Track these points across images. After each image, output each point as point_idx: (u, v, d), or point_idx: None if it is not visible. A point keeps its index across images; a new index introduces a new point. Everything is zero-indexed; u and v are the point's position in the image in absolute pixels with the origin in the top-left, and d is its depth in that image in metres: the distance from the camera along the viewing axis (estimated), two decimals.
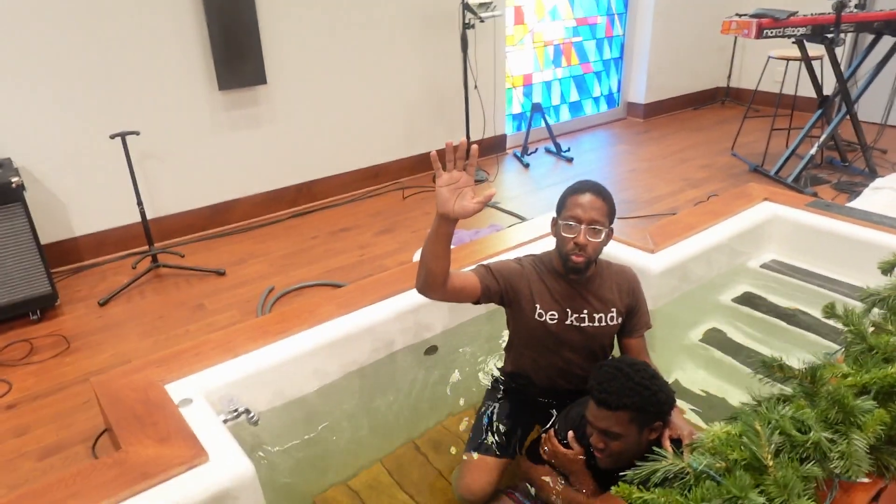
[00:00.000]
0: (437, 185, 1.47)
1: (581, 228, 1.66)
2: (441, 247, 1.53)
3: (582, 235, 1.66)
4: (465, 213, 1.47)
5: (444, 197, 1.46)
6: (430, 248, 1.54)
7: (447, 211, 1.47)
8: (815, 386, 1.02)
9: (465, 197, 1.47)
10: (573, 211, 1.67)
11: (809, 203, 2.87)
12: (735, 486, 0.79)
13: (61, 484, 1.48)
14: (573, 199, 1.69)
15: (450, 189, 1.46)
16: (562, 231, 1.69)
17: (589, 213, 1.66)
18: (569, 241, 1.67)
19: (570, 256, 1.68)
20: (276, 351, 2.02)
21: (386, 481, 2.01)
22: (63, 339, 2.77)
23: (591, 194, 1.69)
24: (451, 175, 1.47)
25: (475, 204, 1.47)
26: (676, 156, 4.88)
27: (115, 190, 3.36)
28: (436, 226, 1.51)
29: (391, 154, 4.45)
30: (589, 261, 1.70)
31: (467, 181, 1.48)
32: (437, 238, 1.52)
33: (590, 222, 1.66)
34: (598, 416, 1.45)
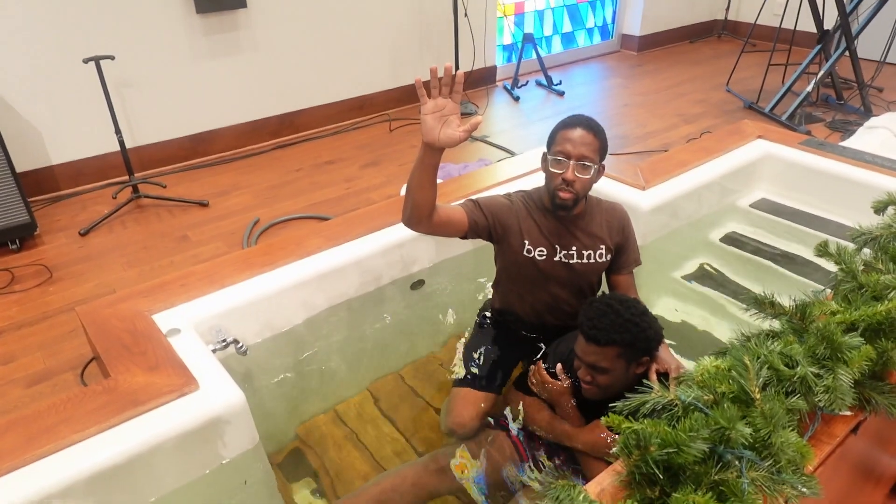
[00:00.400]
0: (422, 113, 1.42)
1: (570, 164, 1.62)
2: (427, 177, 1.50)
3: (570, 171, 1.62)
4: (451, 141, 1.43)
5: (429, 125, 1.42)
6: (416, 179, 1.50)
7: (432, 139, 1.43)
8: (804, 322, 1.03)
9: (450, 125, 1.43)
10: (563, 146, 1.63)
11: (802, 142, 2.84)
12: (723, 418, 0.80)
13: (52, 410, 1.48)
14: (564, 133, 1.65)
15: (434, 117, 1.41)
16: (550, 166, 1.66)
17: (579, 148, 1.62)
18: (557, 177, 1.64)
19: (557, 192, 1.66)
20: (263, 283, 2.01)
21: (372, 411, 2.04)
22: (45, 268, 2.73)
23: (583, 129, 1.64)
24: (436, 102, 1.41)
25: (461, 132, 1.42)
26: (671, 90, 4.80)
27: (92, 118, 3.25)
28: (421, 155, 1.47)
29: (377, 85, 4.32)
30: (577, 198, 1.67)
31: (453, 109, 1.43)
32: (423, 168, 1.48)
33: (579, 158, 1.62)
34: (586, 350, 1.47)
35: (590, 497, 0.73)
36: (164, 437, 1.46)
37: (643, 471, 0.79)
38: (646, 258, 2.38)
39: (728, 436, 0.79)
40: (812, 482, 0.82)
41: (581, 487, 0.75)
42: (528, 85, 4.93)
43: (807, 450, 0.84)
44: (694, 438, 0.77)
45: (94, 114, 3.21)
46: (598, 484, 0.87)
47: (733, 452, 0.79)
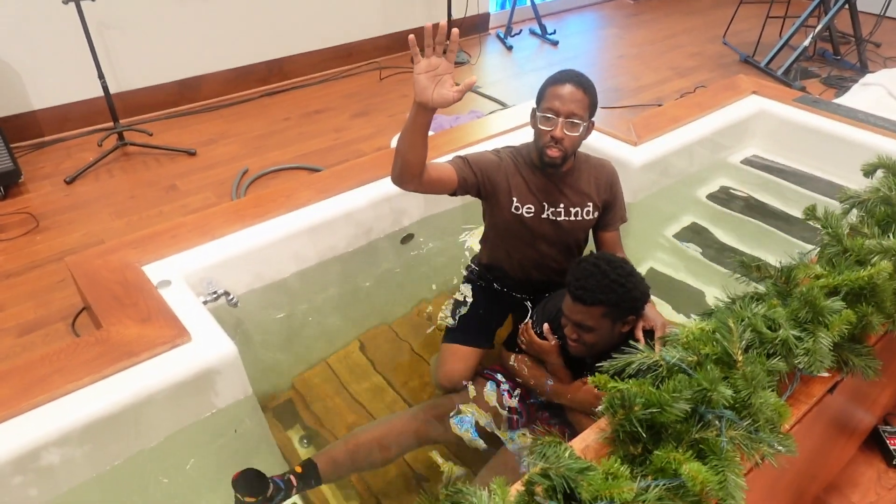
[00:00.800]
0: (415, 72, 1.39)
1: (559, 121, 1.60)
2: (418, 137, 1.48)
3: (559, 129, 1.61)
4: (445, 101, 1.40)
5: (422, 84, 1.39)
6: (408, 138, 1.48)
7: (425, 99, 1.40)
8: (788, 286, 1.05)
9: (444, 85, 1.40)
10: (551, 102, 1.61)
11: (797, 98, 2.82)
12: (705, 379, 0.83)
13: (45, 360, 1.49)
14: (552, 89, 1.62)
15: (428, 76, 1.38)
16: (539, 123, 1.64)
17: (568, 105, 1.60)
18: (545, 135, 1.63)
19: (545, 150, 1.64)
20: (254, 234, 2.00)
21: (363, 363, 2.08)
22: (31, 216, 2.71)
23: (572, 85, 1.62)
24: (429, 61, 1.38)
25: (455, 92, 1.40)
26: (666, 42, 4.72)
27: (74, 61, 3.15)
28: (413, 115, 1.44)
29: (366, 31, 4.21)
30: (565, 155, 1.66)
31: (447, 68, 1.40)
32: (415, 128, 1.46)
33: (568, 115, 1.60)
34: (573, 310, 1.49)
35: (575, 453, 0.75)
36: (158, 387, 1.48)
37: (627, 429, 0.82)
38: (636, 215, 2.40)
39: (710, 397, 0.82)
40: (788, 440, 0.86)
41: (567, 444, 0.78)
42: (522, 34, 4.83)
43: (784, 409, 0.88)
44: (677, 399, 0.80)
45: (76, 57, 3.12)
46: (582, 440, 0.90)
47: (714, 412, 0.82)
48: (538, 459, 0.75)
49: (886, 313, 1.08)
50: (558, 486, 0.71)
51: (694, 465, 0.74)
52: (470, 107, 3.67)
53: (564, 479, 0.70)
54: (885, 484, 1.70)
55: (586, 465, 0.72)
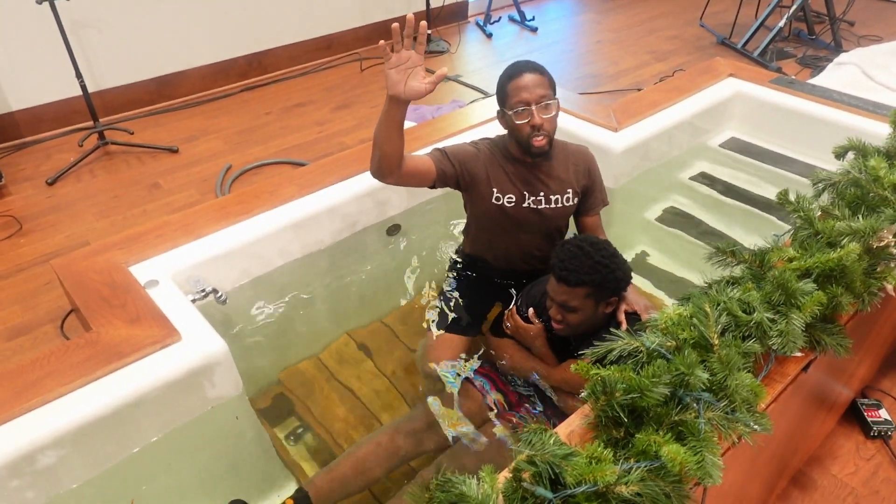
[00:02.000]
0: (386, 68, 1.41)
1: (532, 110, 1.62)
2: (393, 130, 1.49)
3: (536, 116, 1.62)
4: (417, 94, 1.42)
5: (393, 79, 1.41)
6: (383, 133, 1.49)
7: (397, 93, 1.42)
8: (762, 269, 1.09)
9: (416, 77, 1.42)
10: (518, 96, 1.63)
11: (773, 80, 2.86)
12: (683, 364, 0.86)
13: (35, 364, 1.50)
14: (513, 84, 1.64)
15: (399, 70, 1.40)
16: (515, 119, 1.65)
17: (535, 91, 1.62)
18: (525, 127, 1.64)
19: (531, 142, 1.66)
20: (239, 232, 2.01)
21: (353, 354, 2.10)
22: (14, 219, 2.69)
23: (529, 73, 1.64)
24: (399, 55, 1.40)
25: (427, 84, 1.42)
26: (644, 26, 4.75)
27: (51, 61, 3.11)
28: (386, 108, 1.46)
29: (345, 22, 4.19)
30: (550, 138, 1.68)
31: (417, 60, 1.42)
32: (389, 121, 1.47)
33: (538, 100, 1.62)
34: (557, 290, 1.52)
35: (560, 440, 0.79)
36: (149, 388, 1.49)
37: (609, 414, 0.85)
38: (617, 200, 2.43)
39: (687, 381, 0.85)
40: (764, 419, 0.90)
41: (552, 431, 0.81)
42: (501, 21, 4.83)
43: (760, 389, 0.92)
44: (656, 384, 0.83)
45: (52, 57, 3.08)
46: (567, 426, 0.94)
47: (692, 395, 0.85)
48: (524, 447, 0.78)
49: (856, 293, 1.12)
50: (544, 472, 0.74)
51: (673, 446, 0.77)
52: (451, 96, 3.67)
53: (549, 465, 0.74)
54: (863, 455, 1.76)
55: (570, 451, 0.75)
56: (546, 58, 4.18)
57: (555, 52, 4.33)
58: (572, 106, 2.61)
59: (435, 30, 4.46)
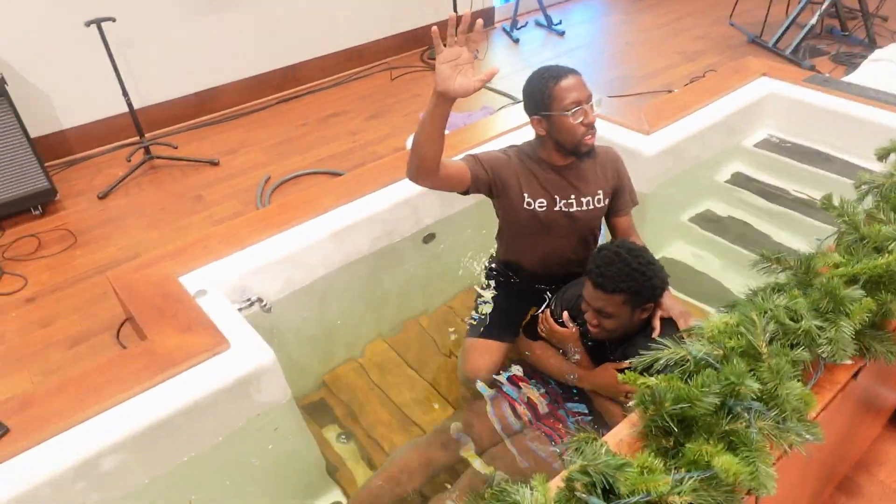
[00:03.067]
0: (438, 62, 1.41)
1: (586, 108, 1.65)
2: (436, 129, 1.50)
3: (591, 115, 1.66)
4: (466, 91, 1.42)
5: (444, 74, 1.40)
6: (426, 131, 1.49)
7: (446, 88, 1.41)
8: (808, 276, 1.09)
9: (465, 74, 1.42)
10: (570, 97, 1.64)
11: (807, 78, 2.83)
12: (732, 374, 0.87)
13: (96, 372, 1.56)
14: (561, 87, 1.65)
15: (450, 65, 1.40)
16: (571, 120, 1.65)
17: (584, 91, 1.65)
18: (579, 127, 1.66)
19: (584, 141, 1.68)
20: (282, 242, 2.06)
21: (394, 358, 2.14)
22: (69, 233, 2.80)
23: (573, 75, 1.67)
24: (451, 51, 1.40)
25: (476, 82, 1.42)
26: (672, 26, 4.72)
27: (98, 80, 3.23)
28: (432, 105, 1.46)
29: (375, 32, 4.26)
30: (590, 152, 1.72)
31: (468, 58, 1.42)
32: (433, 118, 1.48)
33: (588, 99, 1.66)
34: (593, 296, 1.53)
35: (611, 449, 0.81)
36: (201, 395, 1.54)
37: (658, 424, 0.87)
38: (651, 203, 2.43)
39: (737, 390, 0.87)
40: (815, 428, 0.91)
41: (602, 441, 0.83)
42: (528, 26, 4.84)
43: (810, 398, 0.93)
44: (706, 393, 0.85)
45: (100, 76, 3.19)
46: (616, 435, 0.96)
47: (742, 405, 0.87)
48: (576, 457, 0.80)
49: None
50: (597, 482, 0.76)
51: (725, 457, 0.79)
52: (481, 103, 3.70)
53: (603, 476, 0.76)
54: None
55: (623, 462, 0.77)
56: (574, 61, 4.18)
57: (583, 56, 4.33)
58: (602, 109, 2.62)
59: None
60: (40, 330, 2.31)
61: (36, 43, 3.08)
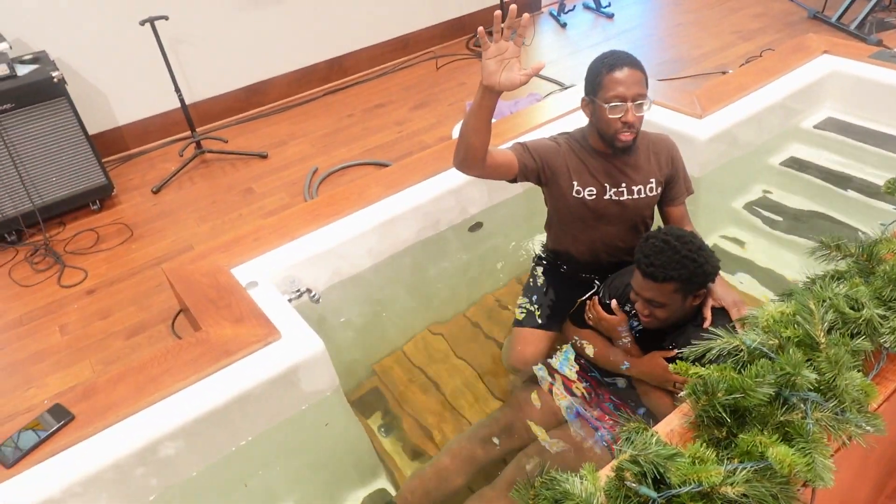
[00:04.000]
0: (484, 57, 1.42)
1: (628, 107, 1.61)
2: (483, 121, 1.51)
3: (630, 114, 1.61)
4: (512, 85, 1.43)
5: (490, 69, 1.42)
6: (472, 122, 1.51)
7: (493, 83, 1.43)
8: (870, 263, 1.04)
9: (511, 68, 1.43)
10: (615, 90, 1.61)
11: (873, 55, 2.68)
12: (788, 364, 0.84)
13: (154, 361, 1.63)
14: (611, 77, 1.61)
15: (496, 60, 1.41)
16: (608, 113, 1.63)
17: (632, 88, 1.60)
18: (616, 122, 1.63)
19: (618, 136, 1.65)
20: (330, 233, 2.09)
21: (441, 348, 2.15)
22: (125, 226, 2.91)
23: (629, 68, 1.61)
24: (497, 46, 1.41)
25: (522, 76, 1.43)
26: (727, 4, 4.54)
27: (152, 77, 3.34)
28: (479, 98, 1.47)
29: (420, 22, 4.25)
30: (637, 135, 1.67)
31: (514, 52, 1.43)
32: (480, 111, 1.49)
33: (635, 98, 1.61)
34: (643, 286, 1.50)
35: (662, 439, 0.79)
36: (254, 383, 1.59)
37: (711, 414, 0.85)
38: (704, 189, 2.36)
39: (793, 381, 0.83)
40: (876, 420, 0.86)
41: (653, 430, 0.81)
42: (576, 9, 4.75)
43: (871, 388, 0.88)
44: (760, 384, 0.82)
45: (153, 73, 3.30)
46: (667, 424, 0.94)
47: (798, 395, 0.83)
48: (626, 446, 0.79)
49: None
50: (648, 472, 0.75)
51: (781, 448, 0.76)
52: (527, 90, 3.66)
53: (654, 465, 0.74)
54: None
55: (674, 451, 0.75)
56: (624, 44, 4.09)
57: (633, 38, 4.22)
58: (653, 93, 2.54)
59: None
60: (100, 321, 2.41)
61: (93, 43, 3.21)
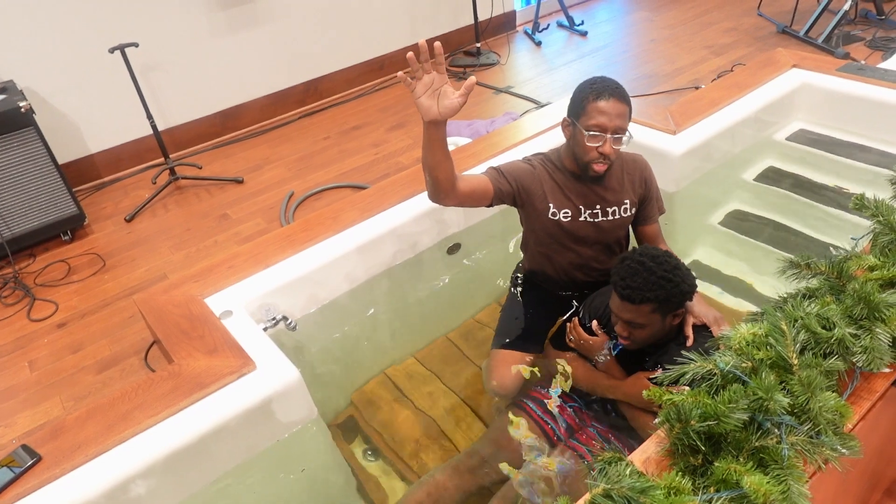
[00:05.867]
0: (415, 98, 1.41)
1: (607, 138, 1.60)
2: (439, 154, 1.49)
3: (608, 145, 1.61)
4: (452, 111, 1.42)
5: (425, 105, 1.41)
6: (430, 158, 1.50)
7: (434, 116, 1.42)
8: (841, 281, 1.04)
9: (446, 96, 1.41)
10: (597, 119, 1.60)
11: (840, 67, 2.73)
12: (761, 388, 0.83)
13: (125, 397, 1.58)
14: (596, 105, 1.60)
15: (428, 95, 1.40)
16: (586, 141, 1.62)
17: (615, 121, 1.59)
18: (592, 151, 1.62)
19: (591, 165, 1.64)
20: (305, 259, 2.06)
21: (421, 372, 2.12)
22: (98, 257, 2.86)
23: (616, 100, 1.60)
24: (422, 82, 1.40)
25: (458, 98, 1.41)
26: (699, 20, 4.62)
27: (123, 104, 3.31)
28: (427, 135, 1.46)
29: (395, 43, 4.27)
30: (611, 166, 1.67)
31: (441, 79, 1.41)
32: (433, 145, 1.48)
33: (615, 131, 1.60)
34: (621, 308, 1.49)
35: (636, 470, 0.77)
36: (229, 416, 1.55)
37: (685, 442, 0.83)
38: (679, 204, 2.37)
39: (766, 405, 0.82)
40: (852, 442, 0.85)
41: (627, 460, 0.80)
42: (550, 28, 4.80)
43: (846, 409, 0.87)
44: (734, 409, 0.81)
45: (125, 100, 3.27)
46: (643, 452, 0.92)
47: (772, 420, 0.82)
48: (600, 479, 0.77)
49: None
50: None
51: (755, 476, 0.75)
52: (504, 108, 3.68)
53: (627, 500, 0.72)
54: None
55: (648, 484, 0.73)
56: (598, 61, 4.13)
57: (607, 55, 4.27)
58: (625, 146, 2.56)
59: (484, 42, 4.48)
60: (71, 355, 2.36)
61: (62, 72, 3.17)
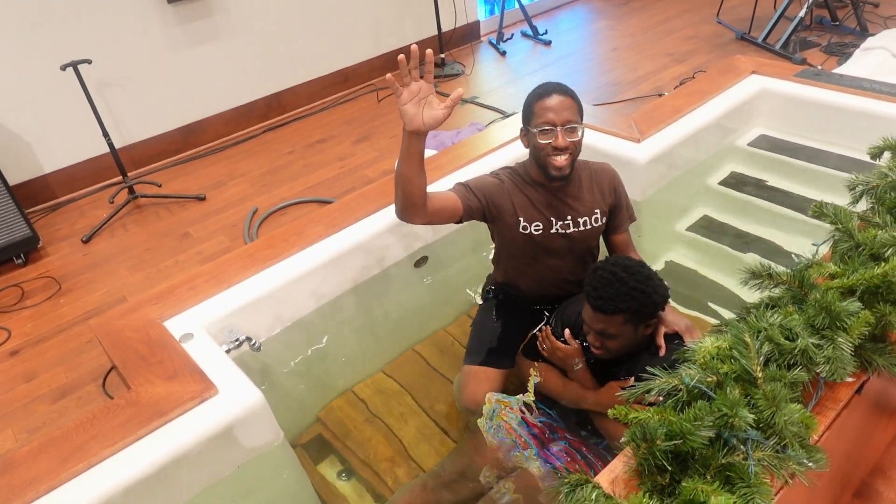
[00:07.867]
0: (401, 104, 1.40)
1: (557, 131, 1.60)
2: (416, 166, 1.47)
3: (560, 137, 1.60)
4: (437, 121, 1.41)
5: (410, 114, 1.39)
6: (406, 170, 1.48)
7: (417, 126, 1.40)
8: (802, 290, 1.04)
9: (431, 105, 1.41)
10: (544, 116, 1.61)
11: (798, 73, 2.78)
12: (725, 405, 0.81)
13: (80, 428, 1.52)
14: (541, 104, 1.62)
15: (414, 103, 1.39)
16: (538, 139, 1.62)
17: (562, 114, 1.60)
18: (547, 147, 1.62)
19: (551, 162, 1.64)
20: (269, 277, 2.01)
21: (392, 387, 2.09)
22: (53, 280, 2.76)
23: (558, 94, 1.62)
24: (410, 89, 1.39)
25: (443, 110, 1.41)
26: (660, 28, 4.69)
27: (78, 122, 3.22)
28: (406, 145, 1.44)
29: (359, 55, 4.24)
30: (572, 161, 1.66)
31: (428, 89, 1.41)
32: (411, 157, 1.46)
33: (564, 123, 1.60)
34: (593, 318, 1.49)
35: (603, 493, 0.75)
36: (190, 444, 1.50)
37: (652, 462, 0.81)
38: (647, 212, 2.38)
39: (731, 422, 0.81)
40: (818, 455, 0.84)
41: (594, 483, 0.78)
42: (514, 38, 4.82)
43: (811, 421, 0.86)
44: (699, 427, 0.80)
45: (79, 118, 3.18)
46: (611, 472, 0.90)
47: (738, 436, 0.81)
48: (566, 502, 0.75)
49: None
50: None
51: (721, 497, 0.73)
52: (469, 119, 3.67)
53: None
54: None
55: None
56: (562, 70, 4.16)
57: (571, 64, 4.30)
58: (591, 119, 2.57)
59: (448, 53, 4.48)
60: (24, 384, 2.27)
61: (12, 91, 3.07)
